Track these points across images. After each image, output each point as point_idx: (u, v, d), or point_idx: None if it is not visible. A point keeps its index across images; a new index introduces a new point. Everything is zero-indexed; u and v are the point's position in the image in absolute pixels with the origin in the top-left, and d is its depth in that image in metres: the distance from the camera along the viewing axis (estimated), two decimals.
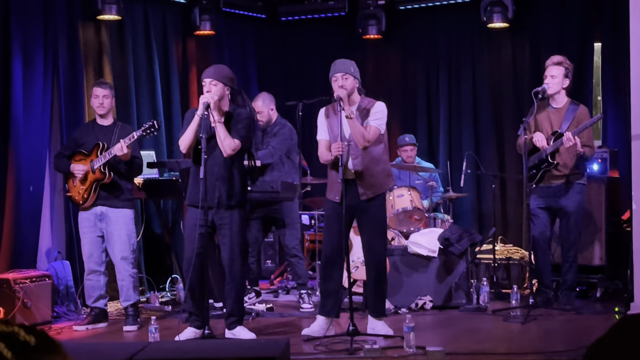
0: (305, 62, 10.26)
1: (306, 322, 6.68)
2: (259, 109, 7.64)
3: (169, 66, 8.90)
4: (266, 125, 7.67)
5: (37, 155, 7.41)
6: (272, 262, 9.34)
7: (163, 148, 8.62)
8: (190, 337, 5.93)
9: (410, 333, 5.39)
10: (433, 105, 9.71)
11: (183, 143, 5.90)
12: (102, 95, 6.78)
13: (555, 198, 7.06)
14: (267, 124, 7.67)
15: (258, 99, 7.73)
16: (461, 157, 8.71)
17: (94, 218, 6.73)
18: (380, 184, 6.06)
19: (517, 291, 7.11)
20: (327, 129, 6.08)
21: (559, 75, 6.99)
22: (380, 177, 6.06)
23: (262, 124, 7.67)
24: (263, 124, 7.67)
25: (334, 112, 6.03)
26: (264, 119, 7.65)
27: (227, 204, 5.91)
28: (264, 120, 7.65)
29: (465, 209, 9.34)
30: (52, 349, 1.01)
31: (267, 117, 7.66)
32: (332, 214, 6.04)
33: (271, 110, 7.68)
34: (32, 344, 1.00)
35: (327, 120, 6.09)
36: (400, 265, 7.38)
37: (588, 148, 6.96)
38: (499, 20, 8.86)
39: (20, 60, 7.28)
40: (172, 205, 8.58)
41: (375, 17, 9.50)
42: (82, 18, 7.98)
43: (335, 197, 6.00)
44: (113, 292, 7.20)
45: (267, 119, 7.66)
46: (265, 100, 7.69)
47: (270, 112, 7.68)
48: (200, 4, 8.94)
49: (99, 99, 6.78)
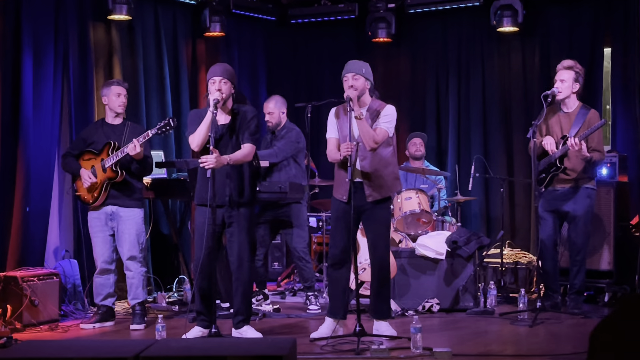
0: (315, 64, 10.28)
1: (313, 323, 6.68)
2: (271, 110, 7.65)
3: (178, 67, 8.93)
4: (275, 127, 7.67)
5: (46, 154, 7.44)
6: (279, 265, 9.34)
7: (172, 148, 8.63)
8: (197, 335, 5.94)
9: (417, 334, 5.39)
10: (442, 109, 9.71)
11: (196, 141, 5.90)
12: (123, 94, 6.82)
13: (563, 202, 7.04)
14: (276, 127, 7.67)
15: (270, 100, 7.74)
16: (470, 160, 8.71)
17: (104, 217, 6.74)
18: (388, 186, 6.06)
19: (525, 295, 7.09)
20: (336, 128, 6.09)
21: (569, 80, 6.98)
22: (388, 179, 6.06)
23: (272, 126, 7.67)
24: (272, 126, 7.67)
25: (344, 112, 6.04)
26: (274, 120, 7.66)
27: (238, 201, 5.92)
28: (273, 122, 7.66)
29: (473, 212, 9.33)
30: None
31: (278, 120, 7.67)
32: (339, 214, 6.04)
33: (282, 113, 7.69)
34: None
35: (337, 120, 6.10)
36: (407, 267, 7.37)
37: (597, 153, 6.93)
38: (509, 25, 8.86)
39: (31, 59, 7.30)
40: (180, 205, 8.59)
41: (385, 20, 9.51)
42: (93, 18, 8.01)
43: (343, 197, 6.00)
44: (120, 291, 7.22)
45: (277, 121, 7.66)
46: (277, 103, 7.69)
47: (281, 115, 7.69)
48: (210, 6, 8.97)
49: (121, 98, 6.80)
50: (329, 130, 6.13)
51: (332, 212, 6.18)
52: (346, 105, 5.90)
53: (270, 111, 7.65)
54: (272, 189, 7.10)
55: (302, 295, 7.95)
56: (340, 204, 6.04)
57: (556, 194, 7.05)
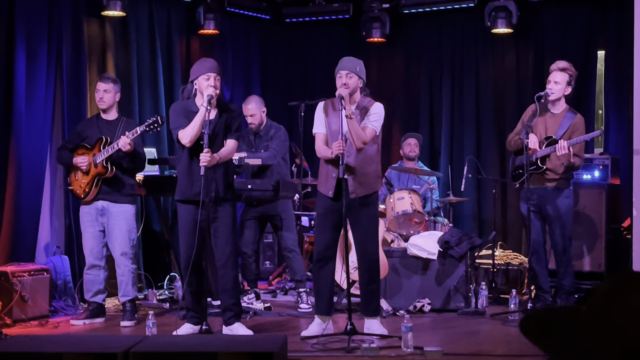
0: (309, 63, 10.28)
1: (304, 321, 6.68)
2: (252, 111, 7.63)
3: (172, 64, 8.91)
4: (257, 128, 7.67)
5: (38, 149, 7.42)
6: (270, 263, 9.33)
7: (164, 145, 8.62)
8: (188, 332, 5.93)
9: (408, 333, 5.39)
10: (435, 109, 9.71)
11: (188, 137, 5.88)
12: (102, 89, 6.78)
13: (544, 203, 7.04)
14: (259, 127, 7.67)
15: (250, 102, 7.70)
16: (462, 161, 8.72)
17: (95, 213, 6.72)
18: (370, 184, 6.04)
19: (516, 295, 7.10)
20: (324, 124, 6.06)
21: (563, 82, 6.98)
22: (371, 177, 6.04)
23: (254, 127, 7.66)
24: (255, 127, 7.66)
25: (333, 109, 6.02)
26: (257, 121, 7.65)
27: (224, 197, 5.94)
28: (256, 122, 7.65)
29: (465, 213, 9.34)
30: None
31: (260, 120, 7.66)
32: (325, 211, 6.01)
33: (263, 112, 7.70)
34: None
35: (326, 116, 6.07)
36: (399, 267, 7.37)
37: (578, 158, 6.94)
38: (503, 26, 8.87)
39: (24, 54, 7.28)
40: (172, 202, 8.56)
41: (380, 20, 9.50)
42: (87, 13, 8.00)
43: (329, 192, 5.97)
44: (111, 288, 7.20)
45: (259, 122, 7.66)
46: (257, 103, 7.69)
47: (262, 114, 7.69)
48: (204, 3, 8.96)
49: (99, 94, 6.78)
50: (317, 125, 6.11)
51: (318, 208, 6.13)
52: (335, 101, 5.88)
53: (252, 113, 7.62)
54: (265, 187, 7.10)
55: (293, 294, 7.95)
56: (326, 200, 6.00)
57: (536, 195, 7.03)
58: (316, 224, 6.23)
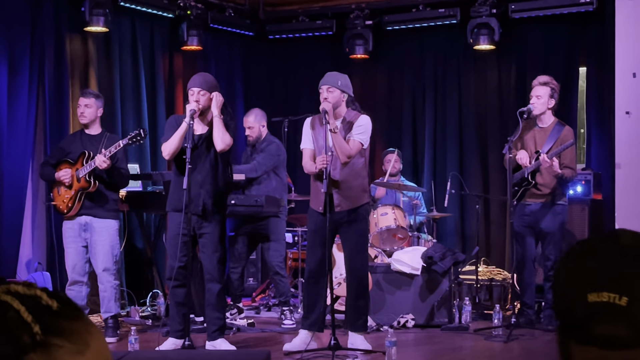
0: (292, 79, 10.28)
1: (287, 337, 6.65)
2: (251, 124, 7.63)
3: (155, 80, 8.89)
4: (255, 141, 7.66)
5: (20, 165, 7.37)
6: (254, 280, 9.27)
7: (147, 160, 8.58)
8: (170, 348, 5.88)
9: (392, 348, 5.38)
10: (418, 125, 9.73)
11: (167, 149, 5.88)
12: (84, 104, 6.75)
13: (537, 219, 7.06)
14: (257, 140, 7.66)
15: (250, 114, 7.72)
16: (445, 177, 8.73)
17: (78, 228, 6.67)
18: (356, 197, 6.04)
19: (500, 311, 7.10)
20: (312, 139, 6.08)
21: (545, 96, 7.02)
22: (357, 191, 6.05)
23: (252, 140, 7.66)
24: (253, 140, 7.66)
25: (319, 124, 6.03)
26: (254, 134, 7.64)
27: (212, 210, 5.90)
28: (253, 136, 7.64)
29: (449, 229, 9.34)
30: (74, 315, 0.98)
31: (258, 133, 7.65)
32: (316, 227, 6.02)
33: (262, 126, 7.68)
34: (54, 309, 0.96)
35: (313, 131, 6.10)
36: (382, 282, 7.36)
37: (569, 170, 6.96)
38: (485, 42, 8.91)
39: (6, 69, 7.25)
40: (155, 218, 8.53)
41: (363, 37, 9.52)
42: (70, 29, 7.97)
43: (319, 207, 5.99)
44: (93, 305, 7.14)
45: (257, 135, 7.65)
46: (257, 116, 7.68)
47: (262, 128, 7.68)
48: (188, 20, 8.95)
49: (80, 108, 6.75)
50: (304, 140, 6.12)
51: (309, 225, 6.16)
52: (322, 116, 5.90)
53: (250, 125, 7.63)
54: (248, 202, 7.08)
55: (276, 310, 7.91)
56: (317, 216, 6.01)
57: (529, 210, 7.06)
58: (308, 240, 6.23)
